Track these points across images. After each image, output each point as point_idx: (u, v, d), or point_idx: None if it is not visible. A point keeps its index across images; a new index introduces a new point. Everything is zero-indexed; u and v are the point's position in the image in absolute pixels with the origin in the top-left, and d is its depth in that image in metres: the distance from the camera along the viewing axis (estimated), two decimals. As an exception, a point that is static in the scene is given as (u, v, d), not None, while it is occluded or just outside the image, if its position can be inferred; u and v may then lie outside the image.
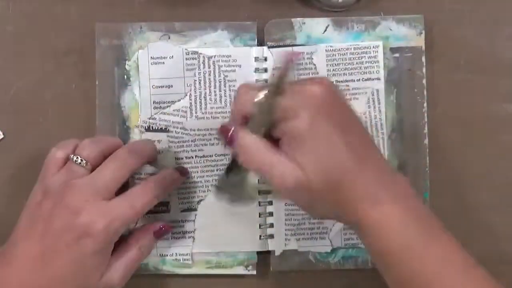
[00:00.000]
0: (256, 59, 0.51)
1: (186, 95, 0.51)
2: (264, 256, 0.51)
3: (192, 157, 0.50)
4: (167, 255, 0.51)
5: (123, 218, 0.43)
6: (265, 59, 0.51)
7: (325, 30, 0.51)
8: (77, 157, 0.44)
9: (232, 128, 0.41)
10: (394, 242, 0.38)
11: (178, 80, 0.51)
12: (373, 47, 0.51)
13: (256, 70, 0.51)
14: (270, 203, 0.51)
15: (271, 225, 0.51)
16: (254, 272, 0.51)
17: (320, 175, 0.38)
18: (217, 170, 0.50)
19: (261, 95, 0.40)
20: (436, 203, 0.50)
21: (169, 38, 0.51)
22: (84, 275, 0.42)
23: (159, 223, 0.48)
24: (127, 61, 0.51)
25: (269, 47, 0.51)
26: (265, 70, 0.51)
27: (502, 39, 0.52)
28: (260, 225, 0.51)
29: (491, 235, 0.52)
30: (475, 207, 0.51)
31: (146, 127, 0.51)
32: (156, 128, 0.51)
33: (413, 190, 0.41)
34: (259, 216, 0.51)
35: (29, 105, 0.52)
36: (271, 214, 0.51)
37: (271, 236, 0.51)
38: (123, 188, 0.45)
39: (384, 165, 0.41)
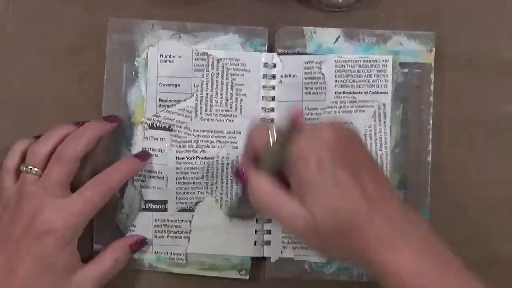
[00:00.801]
0: (265, 65, 0.51)
1: (193, 95, 0.51)
2: (258, 262, 0.51)
3: (193, 158, 0.50)
4: (162, 253, 0.50)
5: (80, 213, 0.44)
6: (274, 66, 0.51)
7: (336, 41, 0.51)
8: (26, 167, 0.46)
9: (243, 168, 0.42)
10: (412, 286, 0.37)
11: (185, 80, 0.51)
12: (383, 60, 0.51)
13: (264, 76, 0.51)
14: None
15: (269, 232, 0.51)
16: (247, 277, 0.50)
17: (328, 218, 0.38)
18: (216, 172, 0.50)
19: (273, 138, 0.41)
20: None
21: (180, 37, 0.51)
22: (52, 276, 0.43)
23: (135, 236, 0.50)
24: (136, 58, 0.51)
25: (278, 54, 0.51)
26: (273, 76, 0.51)
27: (502, 39, 0.52)
28: (256, 231, 0.50)
29: (492, 237, 0.51)
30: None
31: (150, 124, 0.51)
32: (160, 126, 0.51)
33: (431, 230, 0.40)
34: (256, 222, 0.51)
35: (29, 105, 0.52)
36: (269, 220, 0.51)
37: (268, 242, 0.50)
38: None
39: (399, 207, 0.40)
